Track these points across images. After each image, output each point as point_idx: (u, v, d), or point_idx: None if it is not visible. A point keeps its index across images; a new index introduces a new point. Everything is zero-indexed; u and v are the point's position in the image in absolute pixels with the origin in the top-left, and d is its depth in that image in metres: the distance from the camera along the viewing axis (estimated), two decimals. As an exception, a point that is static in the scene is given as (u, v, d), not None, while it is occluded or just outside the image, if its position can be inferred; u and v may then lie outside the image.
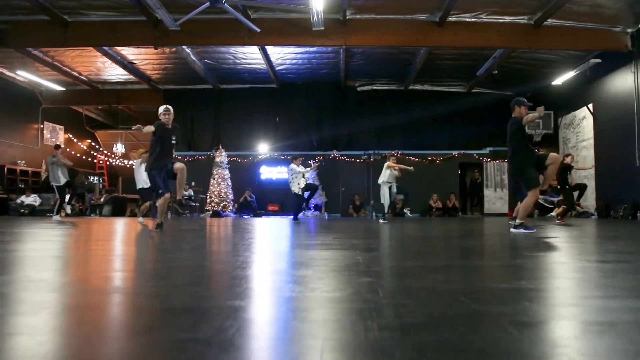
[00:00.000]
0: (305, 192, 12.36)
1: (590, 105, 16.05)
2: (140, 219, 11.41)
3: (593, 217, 15.72)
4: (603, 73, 15.33)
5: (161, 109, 7.46)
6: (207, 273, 2.76)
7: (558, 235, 6.04)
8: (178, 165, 7.24)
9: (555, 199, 13.37)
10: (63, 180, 12.57)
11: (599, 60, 14.92)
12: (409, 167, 12.46)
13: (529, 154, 6.90)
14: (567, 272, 2.71)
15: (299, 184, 12.03)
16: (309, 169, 12.55)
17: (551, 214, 16.16)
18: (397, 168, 12.05)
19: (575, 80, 16.48)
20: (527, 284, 2.29)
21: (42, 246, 4.54)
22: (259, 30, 12.07)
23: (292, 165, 12.30)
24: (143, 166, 11.75)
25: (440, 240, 5.91)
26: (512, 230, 6.76)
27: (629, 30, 13.94)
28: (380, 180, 12.16)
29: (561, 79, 16.64)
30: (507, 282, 2.36)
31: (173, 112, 7.50)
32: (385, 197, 12.06)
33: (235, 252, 3.92)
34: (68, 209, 13.00)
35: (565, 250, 4.12)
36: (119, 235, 6.81)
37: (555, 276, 2.56)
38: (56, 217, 12.75)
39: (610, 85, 15.15)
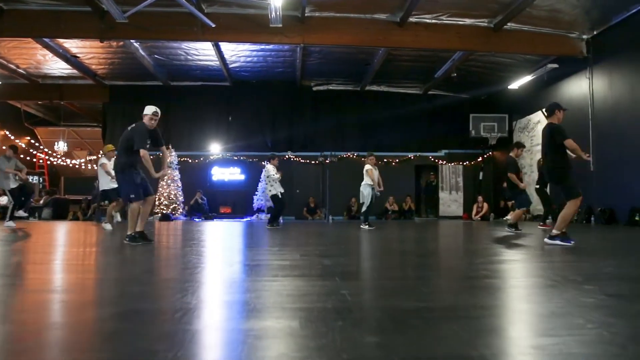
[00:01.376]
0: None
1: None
2: (108, 226, 10.83)
3: (548, 221, 15.80)
4: (559, 78, 15.45)
5: (150, 111, 6.41)
6: (161, 330, 2.20)
7: (542, 251, 5.76)
8: (151, 198, 6.63)
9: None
10: (14, 183, 11.39)
11: (555, 65, 15.03)
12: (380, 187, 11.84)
13: (567, 161, 6.55)
14: (599, 315, 2.31)
15: (276, 187, 11.54)
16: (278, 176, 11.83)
17: (506, 217, 16.23)
18: (374, 180, 11.47)
19: (532, 85, 16.57)
20: (580, 345, 1.86)
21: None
22: (213, 25, 11.43)
23: (270, 167, 11.67)
24: (109, 164, 10.97)
25: (420, 257, 5.50)
26: (546, 240, 6.43)
27: (585, 36, 14.07)
28: (363, 183, 11.64)
29: (517, 83, 16.70)
30: (547, 336, 1.92)
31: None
32: (366, 199, 11.53)
33: (187, 283, 3.38)
34: (21, 213, 11.79)
35: (567, 274, 3.77)
36: (60, 251, 6.08)
37: (594, 325, 2.14)
38: (10, 224, 11.32)
39: (565, 90, 15.26)
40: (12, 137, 21.06)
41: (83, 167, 23.35)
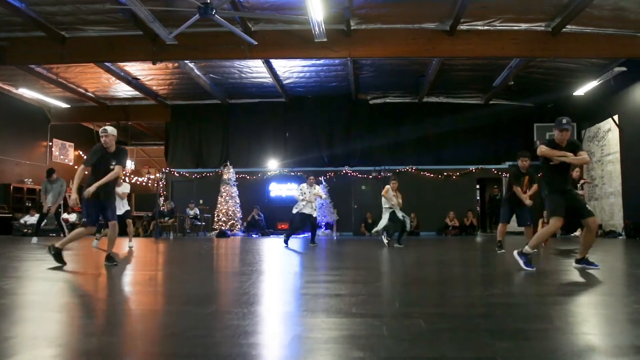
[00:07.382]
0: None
1: (616, 117, 15.01)
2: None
3: (620, 237, 14.64)
4: (629, 82, 14.34)
5: (100, 130, 6.57)
6: None
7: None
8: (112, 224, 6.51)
9: None
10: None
11: (624, 68, 13.96)
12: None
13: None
14: None
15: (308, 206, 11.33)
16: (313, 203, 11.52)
17: (575, 233, 15.14)
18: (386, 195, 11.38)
19: (599, 90, 15.48)
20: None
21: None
22: (255, 43, 11.54)
23: (304, 185, 11.54)
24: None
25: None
26: (514, 253, 5.92)
27: (657, 35, 12.97)
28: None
29: (583, 89, 15.66)
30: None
31: (114, 134, 6.54)
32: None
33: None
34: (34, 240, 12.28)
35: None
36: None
37: None
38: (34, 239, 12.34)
39: (636, 95, 14.14)
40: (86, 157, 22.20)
41: (150, 184, 24.23)
